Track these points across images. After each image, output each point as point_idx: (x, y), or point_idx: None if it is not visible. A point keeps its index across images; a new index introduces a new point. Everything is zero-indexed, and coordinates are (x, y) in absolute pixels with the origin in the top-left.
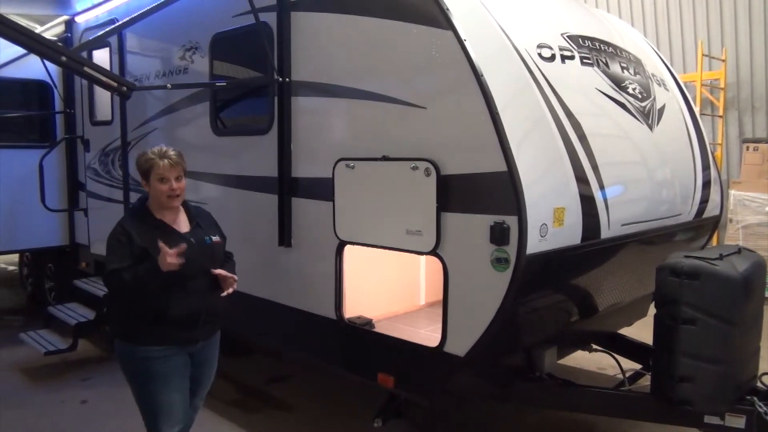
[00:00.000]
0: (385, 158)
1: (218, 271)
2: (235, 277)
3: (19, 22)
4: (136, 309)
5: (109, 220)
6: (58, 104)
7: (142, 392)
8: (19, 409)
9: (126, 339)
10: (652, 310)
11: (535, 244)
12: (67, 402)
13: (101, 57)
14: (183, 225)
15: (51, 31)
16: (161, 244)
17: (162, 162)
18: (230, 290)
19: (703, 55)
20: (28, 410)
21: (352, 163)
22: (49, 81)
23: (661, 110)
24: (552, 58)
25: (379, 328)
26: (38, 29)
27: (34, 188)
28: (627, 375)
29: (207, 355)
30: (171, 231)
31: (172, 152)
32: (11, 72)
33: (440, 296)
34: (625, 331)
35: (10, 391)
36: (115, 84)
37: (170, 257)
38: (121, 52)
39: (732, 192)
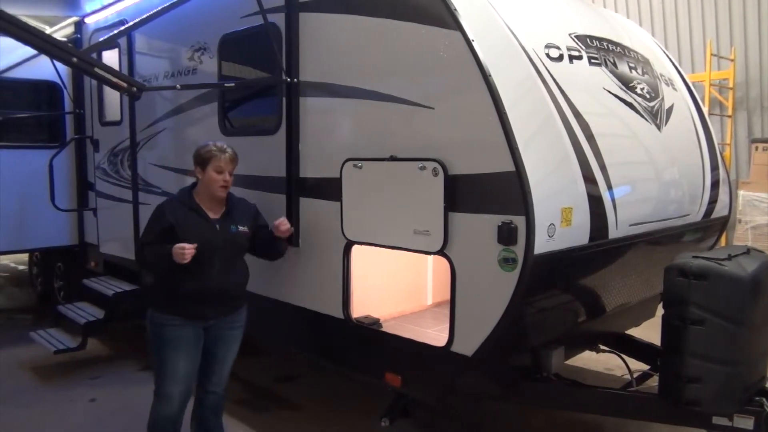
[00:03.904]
0: (392, 158)
1: (277, 222)
2: (285, 223)
3: (30, 24)
4: (160, 280)
5: (119, 220)
6: (68, 105)
7: (155, 353)
8: (28, 408)
9: (151, 305)
10: (659, 310)
11: (542, 244)
12: (76, 400)
13: (110, 58)
14: (217, 213)
15: (61, 32)
16: (177, 246)
17: (223, 155)
18: (285, 232)
19: (711, 54)
20: (37, 408)
21: (359, 163)
22: (58, 82)
23: (670, 110)
24: (560, 58)
25: (387, 328)
26: (48, 30)
27: (43, 188)
28: (635, 376)
29: (221, 332)
30: (201, 214)
31: (229, 149)
32: (22, 73)
33: (447, 296)
34: (632, 331)
35: (20, 389)
36: (125, 85)
37: (179, 253)
38: (130, 53)
39: (741, 192)
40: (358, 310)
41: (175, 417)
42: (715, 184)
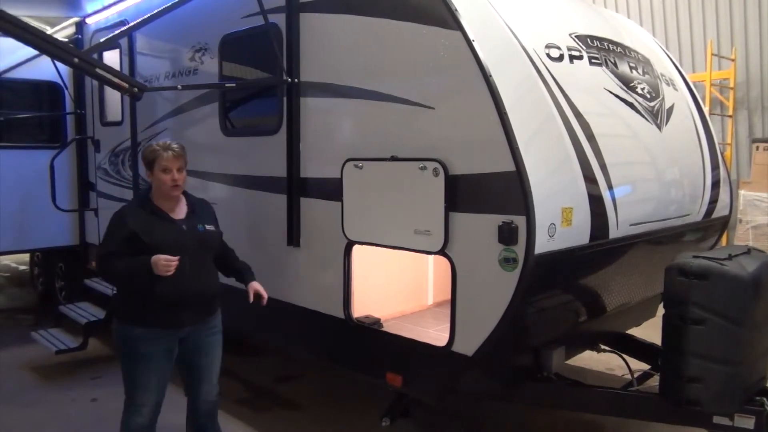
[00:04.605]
0: (393, 158)
1: (255, 288)
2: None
3: (31, 24)
4: (127, 290)
5: None
6: (69, 105)
7: (126, 367)
8: (30, 408)
9: (119, 317)
10: (660, 310)
11: (543, 244)
12: (78, 400)
13: (111, 58)
14: (180, 213)
15: (62, 32)
16: (156, 256)
17: (166, 154)
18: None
19: (712, 54)
20: (39, 408)
21: (360, 163)
22: (59, 82)
23: (670, 110)
24: (560, 58)
25: (388, 328)
26: (49, 31)
27: (45, 188)
28: (635, 375)
29: (200, 340)
30: (164, 217)
31: (175, 145)
32: (23, 73)
33: (448, 296)
34: (633, 331)
35: (21, 389)
36: (126, 85)
37: (164, 265)
38: (131, 53)
39: (741, 192)
40: (359, 310)
41: (148, 426)
42: (715, 184)
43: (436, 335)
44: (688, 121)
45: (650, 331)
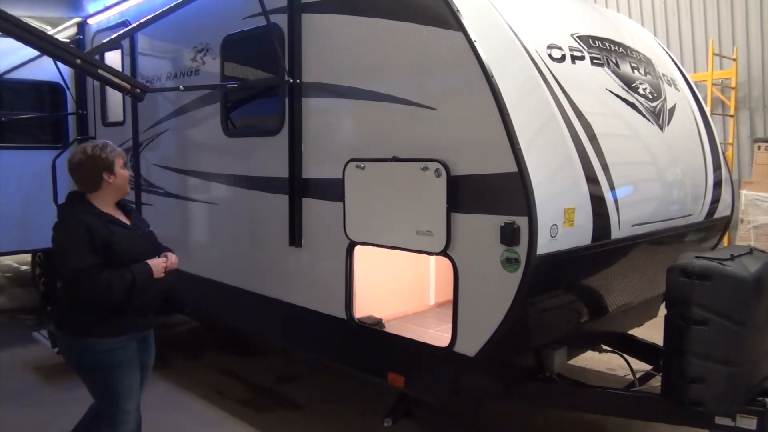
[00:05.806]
0: (395, 159)
1: (170, 256)
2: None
3: (32, 25)
4: (92, 304)
5: None
6: (71, 106)
7: (103, 381)
8: (33, 408)
9: (82, 334)
10: (662, 310)
11: (545, 245)
12: (80, 400)
13: (113, 58)
14: (123, 218)
15: (63, 33)
16: (157, 259)
17: (119, 150)
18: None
19: (713, 54)
20: (41, 409)
21: (362, 164)
22: (61, 82)
23: (672, 110)
24: (562, 58)
25: (389, 328)
26: (51, 31)
27: (47, 189)
28: (637, 376)
29: (148, 337)
30: (121, 224)
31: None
32: (25, 74)
33: (450, 296)
34: (635, 331)
35: (23, 390)
36: (128, 86)
37: (163, 268)
38: (132, 54)
39: (743, 192)
40: (360, 311)
41: (136, 430)
42: (717, 184)
43: (438, 336)
44: (689, 121)
45: (652, 332)
